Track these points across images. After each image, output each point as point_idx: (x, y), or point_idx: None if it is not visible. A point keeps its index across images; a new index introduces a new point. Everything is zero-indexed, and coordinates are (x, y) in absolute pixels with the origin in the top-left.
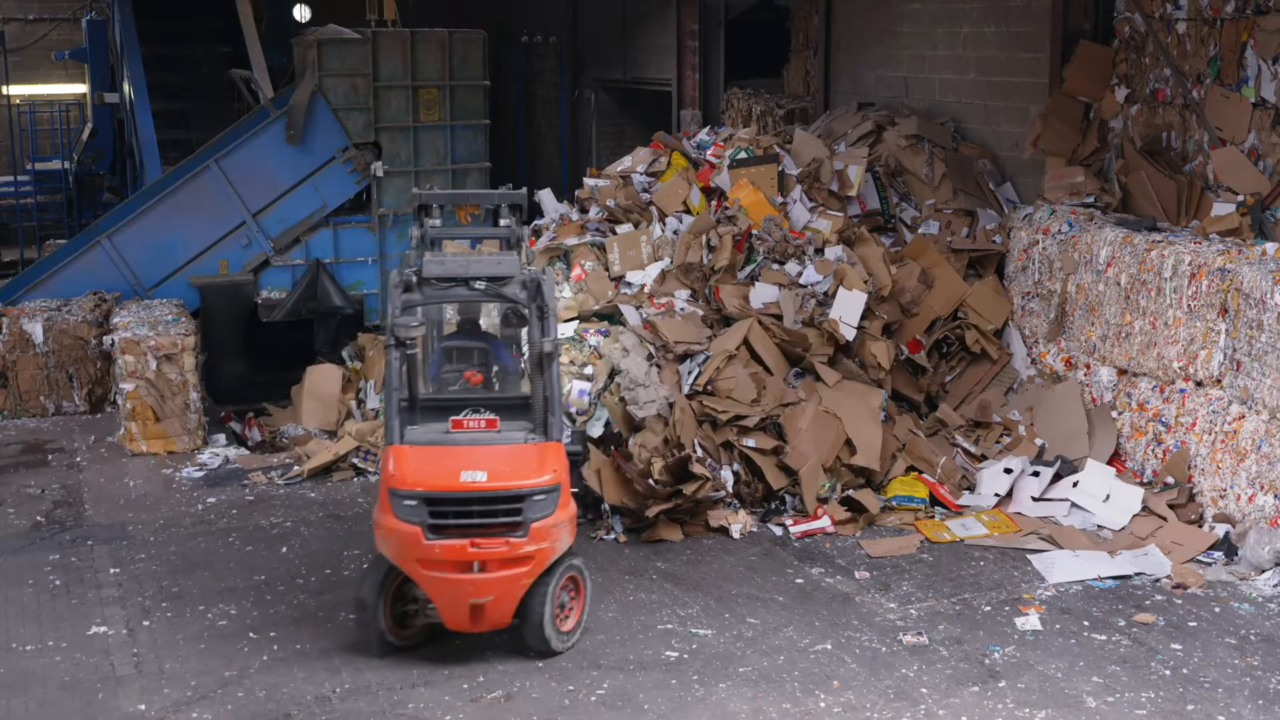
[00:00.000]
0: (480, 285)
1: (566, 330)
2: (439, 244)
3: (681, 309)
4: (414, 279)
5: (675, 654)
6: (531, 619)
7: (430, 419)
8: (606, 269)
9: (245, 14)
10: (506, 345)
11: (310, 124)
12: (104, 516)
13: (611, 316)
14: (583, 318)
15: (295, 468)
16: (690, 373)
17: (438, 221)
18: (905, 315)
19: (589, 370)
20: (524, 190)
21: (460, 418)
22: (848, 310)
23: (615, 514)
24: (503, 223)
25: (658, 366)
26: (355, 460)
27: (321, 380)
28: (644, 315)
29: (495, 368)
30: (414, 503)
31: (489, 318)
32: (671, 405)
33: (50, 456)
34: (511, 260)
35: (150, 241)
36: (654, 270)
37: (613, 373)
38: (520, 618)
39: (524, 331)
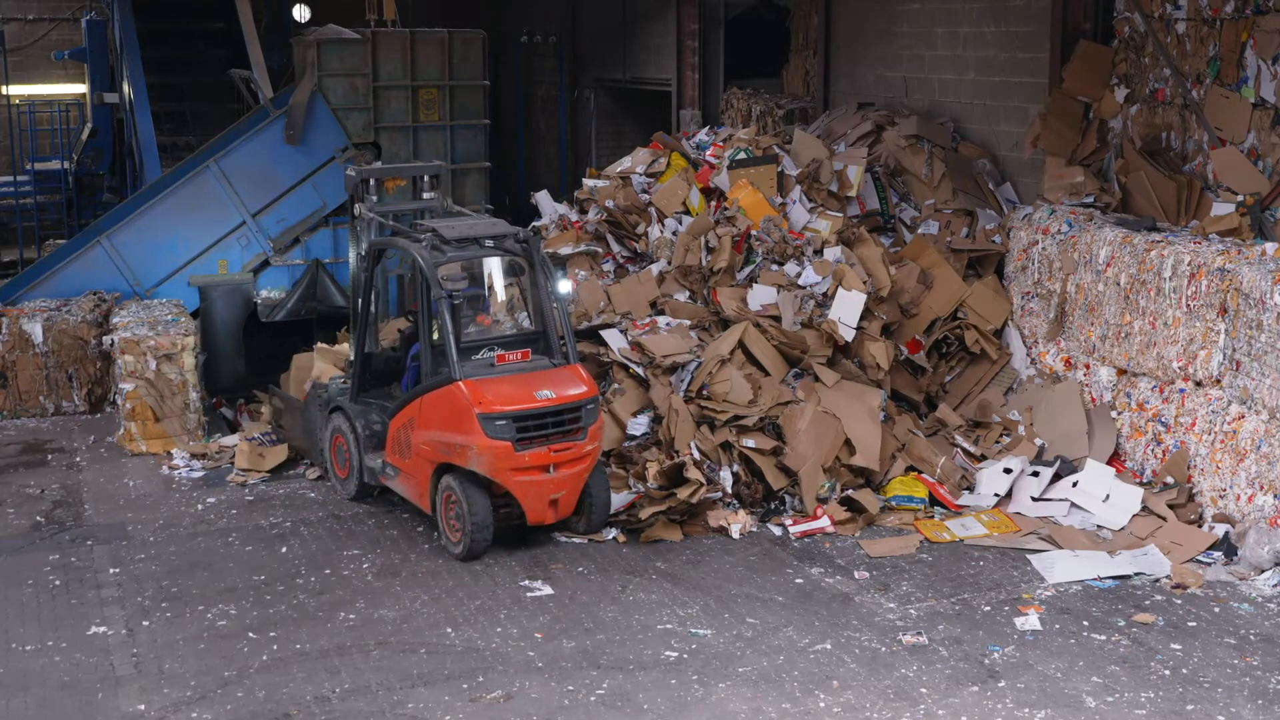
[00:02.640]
0: (489, 243)
1: None
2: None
3: (666, 324)
4: (437, 241)
5: (675, 654)
6: (594, 504)
7: (456, 359)
8: (600, 277)
9: (245, 14)
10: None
11: (310, 124)
12: (104, 516)
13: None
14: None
15: (236, 473)
16: (683, 380)
17: (375, 198)
18: (904, 315)
19: None
20: (441, 163)
21: (502, 352)
22: (847, 311)
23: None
24: (426, 195)
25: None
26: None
27: (306, 367)
28: (630, 338)
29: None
30: (504, 422)
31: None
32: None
33: (50, 456)
34: (501, 222)
35: (150, 241)
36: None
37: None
38: (579, 507)
39: (520, 279)
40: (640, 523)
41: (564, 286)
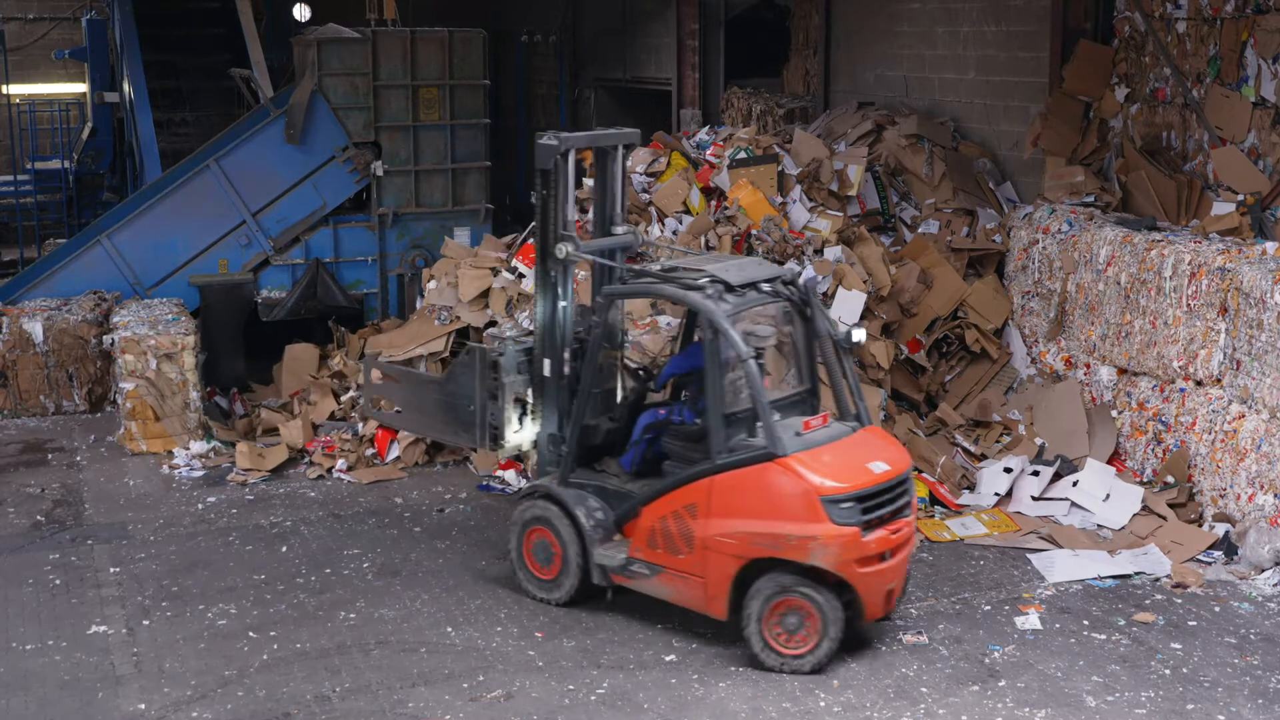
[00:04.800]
0: (768, 288)
1: None
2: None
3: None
4: (721, 289)
5: (675, 654)
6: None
7: (738, 427)
8: None
9: (245, 13)
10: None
11: (310, 123)
12: (104, 516)
13: None
14: None
15: (236, 473)
16: None
17: (577, 243)
18: (905, 315)
19: None
20: (635, 130)
21: (807, 419)
22: (847, 310)
23: None
24: (617, 230)
25: None
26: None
27: (299, 358)
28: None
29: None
30: (849, 505)
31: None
32: None
33: (50, 456)
34: (765, 261)
35: (150, 241)
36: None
37: None
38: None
39: (797, 329)
40: None
41: (858, 334)
